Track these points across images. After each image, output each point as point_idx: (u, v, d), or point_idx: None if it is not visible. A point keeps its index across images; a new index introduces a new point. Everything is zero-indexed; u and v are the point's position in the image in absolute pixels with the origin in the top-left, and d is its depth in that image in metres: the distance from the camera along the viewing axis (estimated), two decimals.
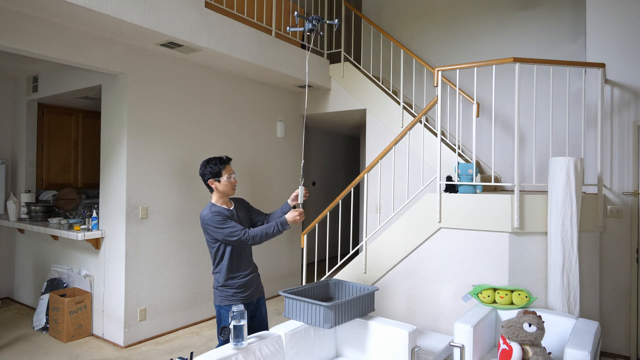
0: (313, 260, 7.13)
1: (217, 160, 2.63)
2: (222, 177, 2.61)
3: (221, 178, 2.61)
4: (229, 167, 2.66)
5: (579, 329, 2.62)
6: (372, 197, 4.99)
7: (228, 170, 2.64)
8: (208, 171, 2.61)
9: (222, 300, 2.59)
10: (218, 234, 2.52)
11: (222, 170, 2.61)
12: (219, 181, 2.61)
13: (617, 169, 3.50)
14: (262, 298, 2.81)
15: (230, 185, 2.64)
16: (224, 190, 2.63)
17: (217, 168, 2.61)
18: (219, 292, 2.61)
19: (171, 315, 4.12)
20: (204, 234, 2.62)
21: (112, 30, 3.42)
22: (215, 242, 2.59)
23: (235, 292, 2.59)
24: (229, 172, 2.64)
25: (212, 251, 2.63)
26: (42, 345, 3.77)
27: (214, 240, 2.58)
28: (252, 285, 2.69)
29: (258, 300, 2.77)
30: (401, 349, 2.51)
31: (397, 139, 3.88)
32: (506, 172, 4.79)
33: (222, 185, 2.61)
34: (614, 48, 3.55)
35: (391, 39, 4.98)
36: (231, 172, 2.66)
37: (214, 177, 2.61)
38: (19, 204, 4.74)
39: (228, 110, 4.72)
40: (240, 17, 4.35)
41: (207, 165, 2.63)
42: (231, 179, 2.64)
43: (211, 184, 2.63)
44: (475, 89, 3.79)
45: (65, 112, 5.15)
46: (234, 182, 2.66)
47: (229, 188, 2.64)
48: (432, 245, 3.54)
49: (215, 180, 2.61)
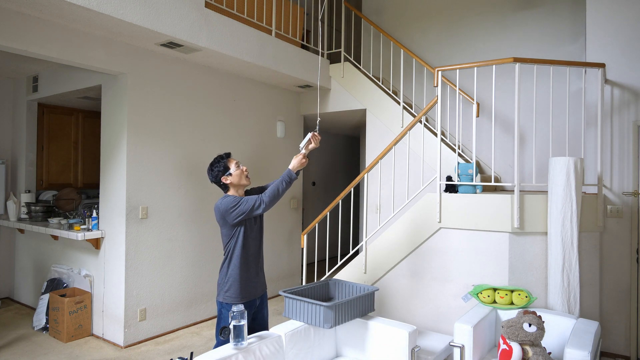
0: (313, 260, 7.13)
1: (218, 158, 2.66)
2: (231, 169, 2.62)
3: (231, 171, 2.62)
4: (232, 160, 2.67)
5: (579, 329, 2.62)
6: (372, 197, 4.99)
7: (233, 162, 2.65)
8: (216, 171, 2.63)
9: (225, 297, 2.58)
10: (235, 211, 2.50)
11: (227, 163, 2.63)
12: (230, 174, 2.62)
13: (617, 169, 3.50)
14: (264, 297, 2.79)
15: (242, 173, 2.64)
16: (239, 181, 2.63)
17: (222, 164, 2.63)
18: (223, 288, 2.60)
19: (171, 315, 4.12)
20: (221, 227, 2.61)
21: (112, 30, 3.42)
22: (229, 236, 2.58)
23: (240, 291, 2.58)
24: (235, 162, 2.65)
25: (224, 245, 2.62)
26: (42, 345, 3.77)
27: (229, 234, 2.58)
28: (257, 285, 2.68)
29: (261, 301, 2.75)
30: (401, 349, 2.51)
31: (397, 139, 3.88)
32: (506, 172, 4.79)
33: (235, 176, 2.62)
34: (614, 48, 3.55)
35: (391, 39, 4.98)
36: (237, 161, 2.67)
37: (224, 174, 2.62)
38: (19, 204, 4.74)
39: (228, 110, 4.72)
40: (240, 17, 4.35)
41: (212, 167, 2.65)
42: (241, 168, 2.65)
43: (225, 181, 2.63)
44: (475, 89, 3.79)
45: (65, 112, 5.15)
46: (245, 170, 2.66)
47: (242, 177, 2.64)
48: (432, 245, 3.54)
49: (228, 175, 2.62)
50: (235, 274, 2.57)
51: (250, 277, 2.63)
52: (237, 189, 2.65)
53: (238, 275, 2.57)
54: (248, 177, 2.68)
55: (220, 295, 2.61)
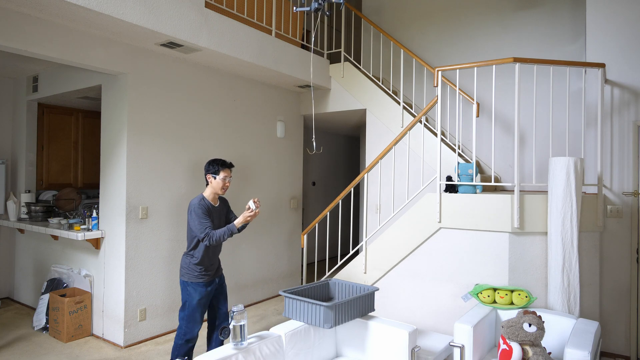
0: (313, 260, 7.13)
1: (220, 162, 3.05)
2: (218, 175, 3.01)
3: (217, 176, 3.01)
4: (227, 171, 3.06)
5: (579, 329, 2.62)
6: (372, 197, 4.99)
7: (225, 173, 3.04)
8: (209, 167, 3.05)
9: (189, 277, 2.98)
10: (192, 222, 2.91)
11: (221, 170, 3.02)
12: (214, 178, 3.03)
13: (617, 169, 3.50)
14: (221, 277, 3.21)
15: (221, 184, 3.03)
16: (215, 188, 3.04)
17: (217, 167, 3.03)
18: (188, 270, 2.98)
19: (171, 315, 4.12)
20: (188, 220, 2.96)
21: (112, 30, 3.42)
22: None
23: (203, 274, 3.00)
24: (226, 175, 3.04)
25: (189, 237, 2.99)
26: (42, 345, 3.77)
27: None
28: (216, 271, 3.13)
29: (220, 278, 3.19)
30: (401, 349, 2.51)
31: (397, 139, 3.89)
32: (506, 172, 4.79)
33: (215, 182, 3.03)
34: (614, 48, 3.55)
35: (391, 39, 4.98)
36: (228, 175, 3.06)
37: (212, 173, 3.02)
38: (19, 204, 4.74)
39: (228, 110, 4.72)
40: (240, 17, 4.36)
41: (210, 163, 3.06)
42: (225, 181, 3.05)
43: (208, 178, 3.05)
44: (475, 89, 3.79)
45: (65, 112, 5.15)
46: (227, 185, 3.06)
47: (219, 187, 3.04)
48: (432, 245, 3.54)
49: (212, 177, 3.03)
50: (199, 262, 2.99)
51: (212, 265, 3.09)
52: (212, 191, 3.06)
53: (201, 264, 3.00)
54: (223, 190, 3.07)
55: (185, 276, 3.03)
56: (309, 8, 2.92)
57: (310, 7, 2.91)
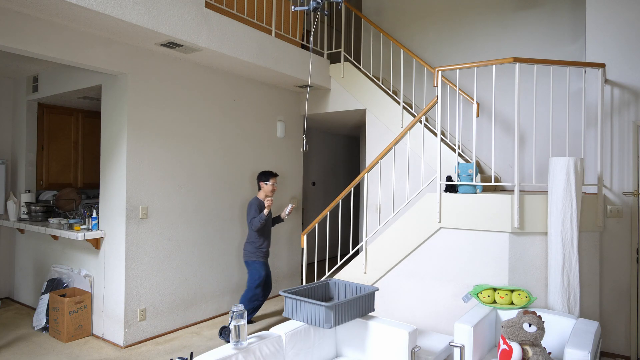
0: (313, 260, 7.14)
1: (270, 172, 4.12)
2: (268, 182, 4.10)
3: (268, 182, 4.10)
4: (274, 179, 4.12)
5: (579, 329, 2.62)
6: (372, 197, 4.99)
7: (273, 180, 4.12)
8: (261, 176, 4.13)
9: (250, 256, 4.05)
10: (248, 213, 4.03)
11: (270, 178, 4.11)
12: (265, 184, 4.10)
13: (617, 169, 3.51)
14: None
15: (270, 188, 4.11)
16: (266, 190, 4.11)
17: (267, 176, 4.11)
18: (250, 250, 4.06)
19: (171, 315, 4.12)
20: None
21: (112, 30, 3.42)
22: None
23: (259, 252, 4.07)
24: (273, 182, 4.12)
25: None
26: (42, 345, 3.77)
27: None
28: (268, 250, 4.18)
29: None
30: (401, 349, 2.51)
31: (397, 139, 3.89)
32: (506, 172, 4.80)
33: (266, 187, 4.11)
34: (614, 48, 3.55)
35: (391, 39, 4.98)
36: (274, 182, 4.13)
37: (264, 181, 4.11)
38: (19, 204, 4.74)
39: (228, 110, 4.73)
40: (240, 17, 4.36)
41: (263, 173, 4.14)
42: (273, 186, 4.12)
43: (260, 184, 4.14)
44: (475, 89, 3.79)
45: (65, 112, 5.15)
46: (274, 189, 4.13)
47: (269, 190, 4.12)
48: (432, 245, 3.54)
49: (264, 183, 4.11)
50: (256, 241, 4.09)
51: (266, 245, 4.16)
52: (264, 193, 4.12)
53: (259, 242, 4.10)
54: (272, 192, 4.13)
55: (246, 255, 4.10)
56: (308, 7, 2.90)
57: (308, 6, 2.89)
